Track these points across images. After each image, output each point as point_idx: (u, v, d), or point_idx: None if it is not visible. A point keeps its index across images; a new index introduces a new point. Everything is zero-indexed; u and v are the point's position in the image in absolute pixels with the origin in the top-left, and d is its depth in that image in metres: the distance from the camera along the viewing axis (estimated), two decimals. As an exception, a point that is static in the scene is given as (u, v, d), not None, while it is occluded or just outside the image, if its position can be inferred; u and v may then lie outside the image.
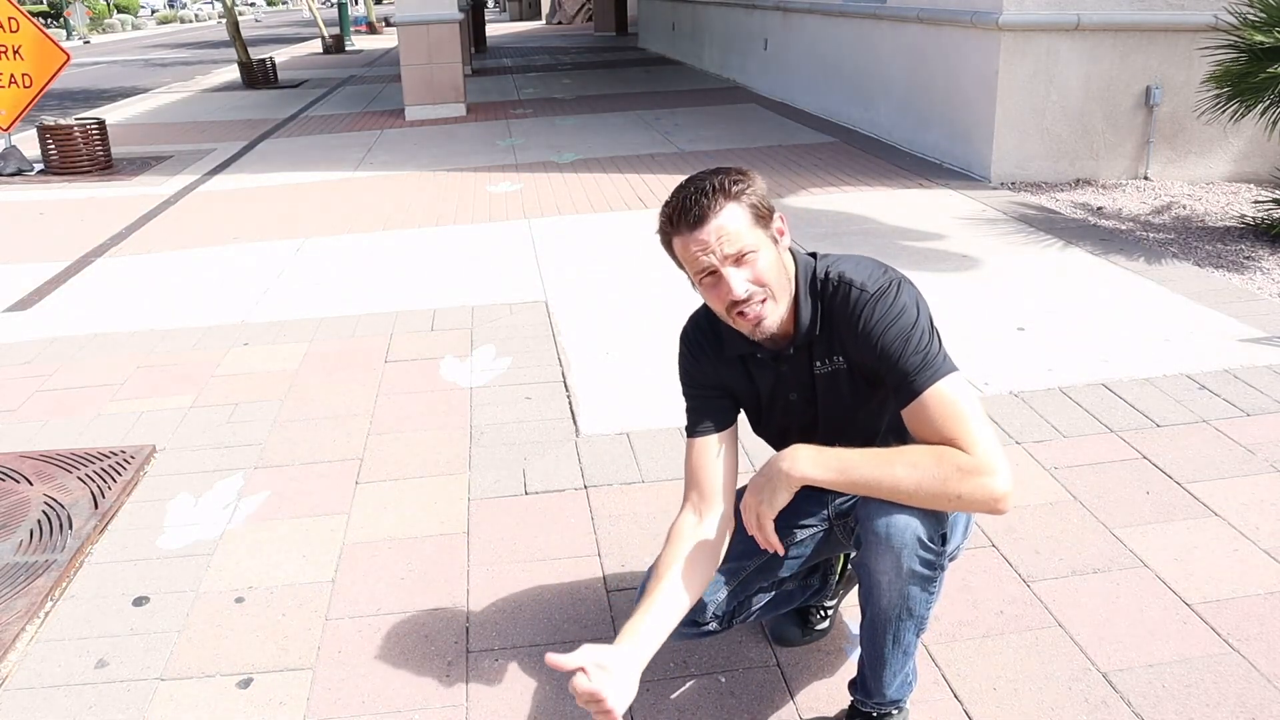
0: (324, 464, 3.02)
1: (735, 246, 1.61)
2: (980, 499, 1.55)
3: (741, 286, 1.62)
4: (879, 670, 1.75)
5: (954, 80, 6.53)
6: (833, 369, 1.74)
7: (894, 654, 1.73)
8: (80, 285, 4.96)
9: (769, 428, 1.91)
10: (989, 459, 1.55)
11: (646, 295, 4.37)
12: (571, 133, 8.81)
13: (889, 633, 1.70)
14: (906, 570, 1.61)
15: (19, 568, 2.51)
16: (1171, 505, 2.59)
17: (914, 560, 1.60)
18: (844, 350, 1.71)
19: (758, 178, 1.68)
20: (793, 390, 1.80)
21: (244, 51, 14.61)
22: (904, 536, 1.59)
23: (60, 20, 35.04)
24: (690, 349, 1.86)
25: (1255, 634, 2.10)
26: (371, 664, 2.14)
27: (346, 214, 6.19)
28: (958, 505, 1.56)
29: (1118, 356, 3.51)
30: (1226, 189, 6.07)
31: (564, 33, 24.77)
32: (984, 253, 4.78)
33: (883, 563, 1.62)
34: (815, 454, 1.63)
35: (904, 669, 1.77)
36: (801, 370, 1.77)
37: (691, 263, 1.65)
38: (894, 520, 1.59)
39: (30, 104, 7.73)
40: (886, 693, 1.78)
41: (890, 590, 1.64)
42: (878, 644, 1.72)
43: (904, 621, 1.68)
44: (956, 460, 1.55)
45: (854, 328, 1.67)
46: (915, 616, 1.68)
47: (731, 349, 1.80)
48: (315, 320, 4.27)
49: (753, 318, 1.65)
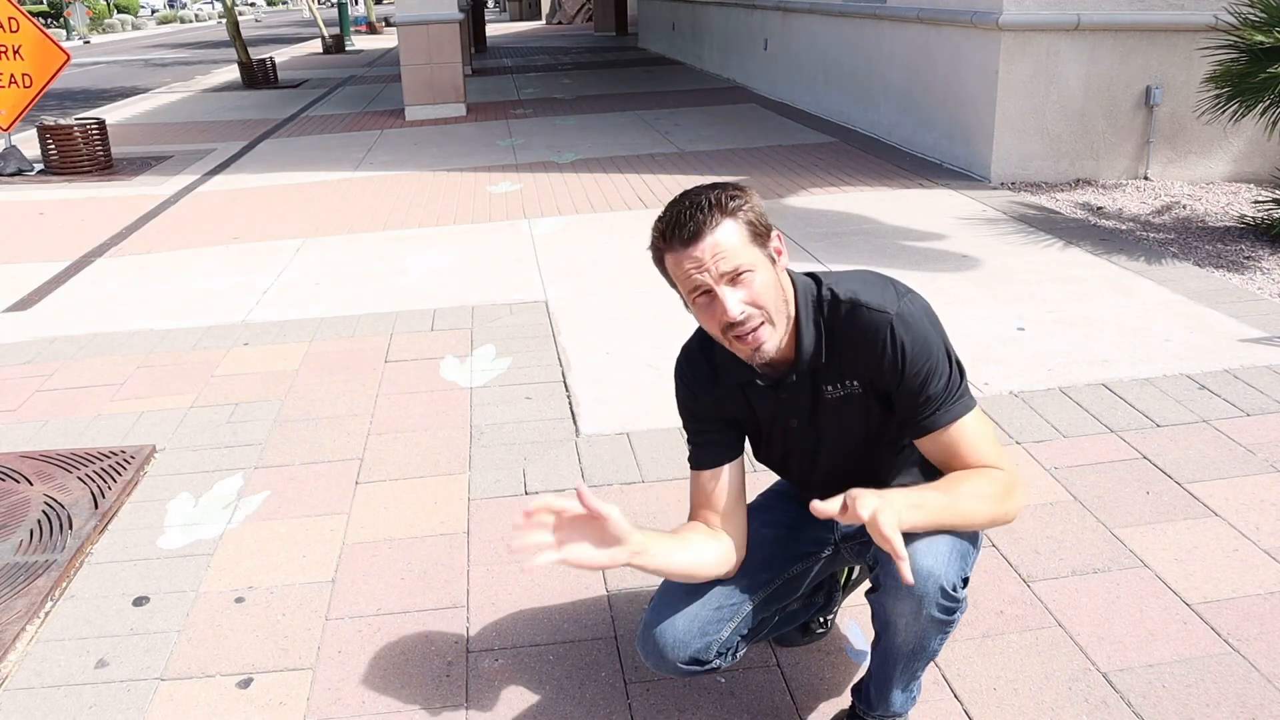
0: (324, 464, 3.02)
1: (731, 264, 1.51)
2: (1016, 513, 1.61)
3: (737, 308, 1.52)
4: (886, 690, 1.76)
5: (954, 80, 6.53)
6: (845, 393, 1.66)
7: (902, 678, 1.73)
8: (80, 285, 4.96)
9: (769, 455, 1.84)
10: (1016, 473, 1.62)
11: (647, 295, 4.37)
12: (572, 133, 8.81)
13: (899, 664, 1.69)
14: (925, 616, 1.57)
15: (19, 568, 2.51)
16: (1171, 505, 2.59)
17: (934, 608, 1.56)
18: (859, 374, 1.64)
19: (754, 195, 1.59)
20: (794, 417, 1.72)
21: (244, 51, 14.61)
22: (927, 585, 1.54)
23: (60, 20, 35.02)
24: (686, 383, 1.76)
25: (1255, 634, 2.10)
26: (371, 664, 2.13)
27: (346, 214, 6.19)
28: (1004, 521, 1.61)
29: (1118, 356, 3.51)
30: (1226, 189, 6.07)
31: (564, 33, 24.77)
32: (984, 253, 4.78)
33: (902, 606, 1.58)
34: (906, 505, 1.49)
35: (910, 688, 1.77)
36: (806, 396, 1.69)
37: (684, 281, 1.55)
38: (918, 569, 1.52)
39: (30, 104, 7.73)
40: (890, 708, 1.78)
41: (907, 631, 1.61)
42: (887, 671, 1.72)
43: (917, 657, 1.67)
44: (1003, 480, 1.59)
45: (874, 352, 1.59)
46: (929, 651, 1.66)
47: (729, 378, 1.71)
48: (315, 320, 4.27)
49: (751, 342, 1.56)
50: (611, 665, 2.09)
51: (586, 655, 2.13)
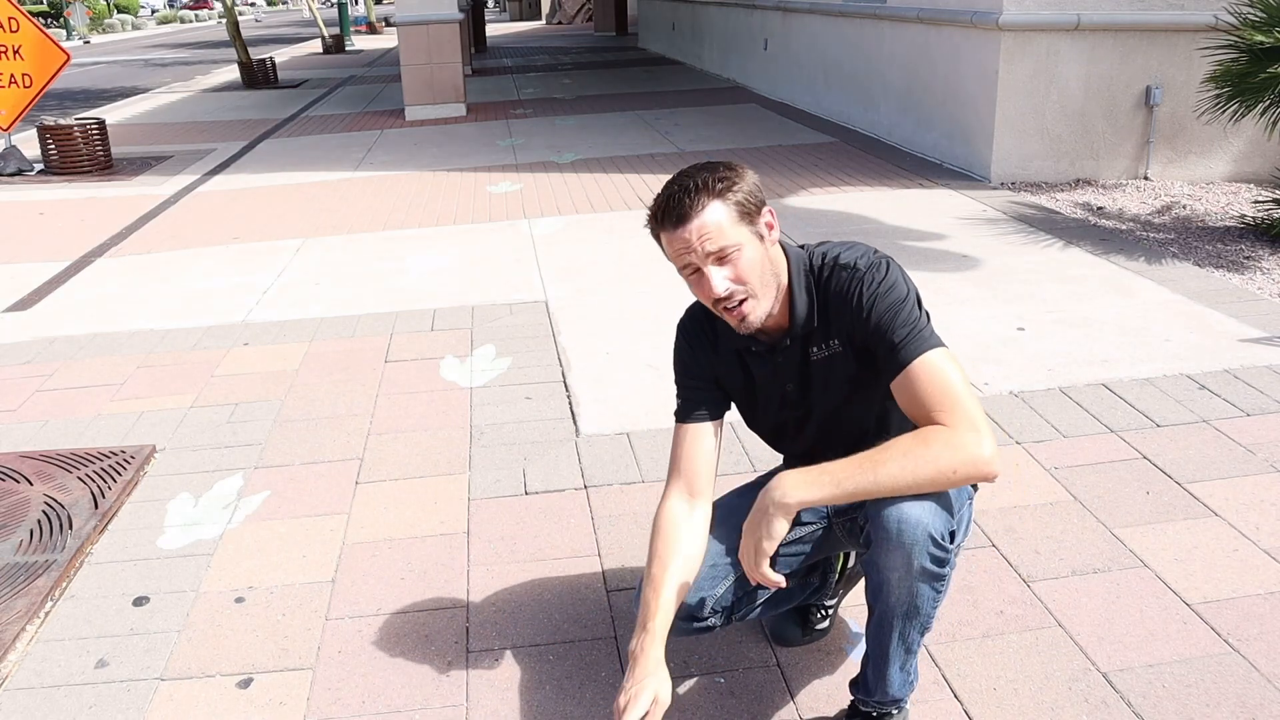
0: (324, 464, 3.02)
1: (716, 245, 1.62)
2: (974, 465, 1.55)
3: (722, 285, 1.64)
4: (883, 668, 1.76)
5: (954, 80, 6.53)
6: (829, 354, 1.75)
7: (898, 651, 1.73)
8: (80, 285, 4.96)
9: (763, 422, 1.92)
10: (973, 423, 1.56)
11: (646, 295, 4.37)
12: (571, 133, 8.81)
13: (895, 630, 1.70)
14: (917, 567, 1.60)
15: (19, 568, 2.51)
16: (1171, 505, 2.59)
17: (924, 557, 1.59)
18: (840, 332, 1.72)
19: (747, 173, 1.68)
20: (789, 381, 1.80)
21: (244, 51, 14.61)
22: (915, 533, 1.58)
23: (60, 20, 35.04)
24: (687, 340, 1.87)
25: (1255, 634, 2.10)
26: (371, 664, 2.13)
27: (346, 214, 6.19)
28: (956, 480, 1.56)
29: (1118, 356, 3.51)
30: (1226, 189, 6.07)
31: (564, 33, 24.77)
32: (984, 253, 4.78)
33: (893, 559, 1.61)
34: (804, 476, 1.60)
35: (907, 667, 1.77)
36: (797, 360, 1.78)
37: (675, 259, 1.67)
38: (905, 517, 1.58)
39: (30, 104, 7.73)
40: (889, 690, 1.78)
41: (900, 587, 1.64)
42: (883, 641, 1.72)
43: (910, 619, 1.68)
44: (942, 436, 1.56)
45: (848, 304, 1.69)
46: (922, 615, 1.68)
47: (728, 343, 1.81)
48: (315, 320, 4.27)
49: (737, 314, 1.67)
50: (611, 665, 2.09)
51: (586, 655, 2.13)
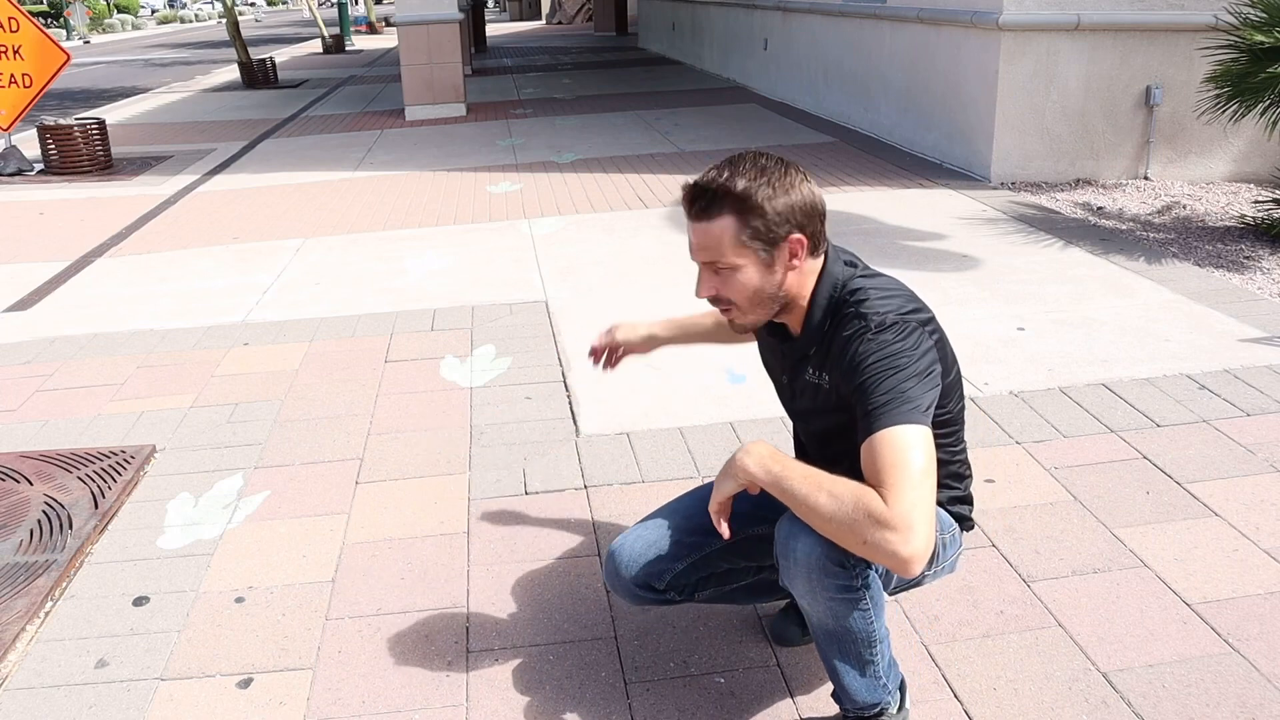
0: (324, 464, 3.02)
1: (711, 258, 1.64)
2: (885, 553, 1.43)
3: (704, 290, 1.69)
4: (838, 679, 1.73)
5: (954, 80, 6.53)
6: (816, 383, 1.72)
7: (846, 665, 1.70)
8: (80, 285, 4.96)
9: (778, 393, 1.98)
10: (907, 517, 1.43)
11: (646, 295, 4.37)
12: (572, 133, 8.81)
13: (833, 645, 1.68)
14: (820, 591, 1.59)
15: (19, 568, 2.51)
16: (1171, 505, 2.59)
17: (822, 582, 1.58)
18: (833, 372, 1.67)
19: (795, 190, 1.62)
20: (784, 373, 1.84)
21: (244, 51, 14.62)
22: (810, 558, 1.56)
23: (60, 20, 35.03)
24: None
25: (1255, 634, 2.10)
26: (371, 664, 2.14)
27: (346, 214, 6.19)
28: (863, 551, 1.46)
29: (1118, 356, 3.51)
30: (1226, 189, 6.07)
31: (564, 33, 24.77)
32: (984, 253, 4.78)
33: (796, 584, 1.62)
34: (765, 454, 1.59)
35: (867, 676, 1.72)
36: (794, 364, 1.78)
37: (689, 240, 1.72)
38: (799, 542, 1.57)
39: (30, 104, 7.73)
40: (856, 698, 1.74)
41: (815, 608, 1.64)
42: (827, 657, 1.72)
43: (844, 638, 1.66)
44: (873, 506, 1.44)
45: (845, 354, 1.61)
46: (855, 631, 1.64)
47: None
48: (315, 320, 4.27)
49: (724, 314, 1.73)
50: (611, 665, 2.09)
51: (586, 655, 2.13)
